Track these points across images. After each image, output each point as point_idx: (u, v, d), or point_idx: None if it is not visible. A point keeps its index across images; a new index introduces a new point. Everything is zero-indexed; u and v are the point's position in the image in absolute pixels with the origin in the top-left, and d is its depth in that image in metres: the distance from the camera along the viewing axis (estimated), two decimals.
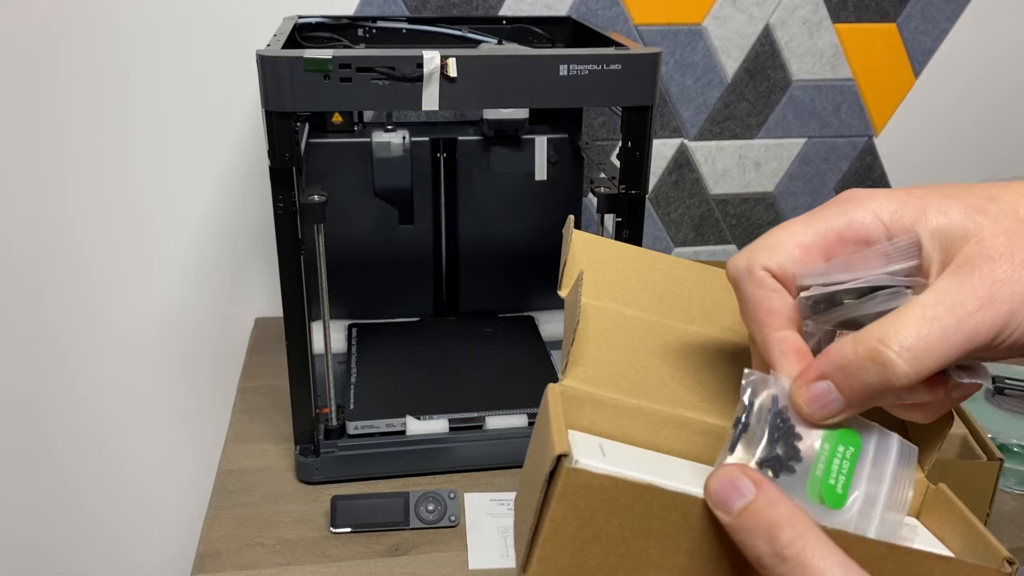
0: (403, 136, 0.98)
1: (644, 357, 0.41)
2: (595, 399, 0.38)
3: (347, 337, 1.03)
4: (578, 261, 0.45)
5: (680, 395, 0.39)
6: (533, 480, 0.34)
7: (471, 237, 1.06)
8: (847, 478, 0.33)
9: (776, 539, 0.30)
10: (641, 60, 0.75)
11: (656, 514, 0.31)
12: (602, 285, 0.44)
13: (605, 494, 0.31)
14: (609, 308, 0.43)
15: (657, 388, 0.39)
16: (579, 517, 0.31)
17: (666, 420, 0.38)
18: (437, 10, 1.11)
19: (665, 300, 0.44)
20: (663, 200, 1.26)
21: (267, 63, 0.70)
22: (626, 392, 0.38)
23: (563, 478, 0.31)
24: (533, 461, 0.36)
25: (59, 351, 1.20)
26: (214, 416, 1.24)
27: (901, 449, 0.34)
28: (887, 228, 0.33)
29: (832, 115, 1.26)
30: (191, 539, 1.29)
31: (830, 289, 0.34)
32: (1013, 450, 0.87)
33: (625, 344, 0.41)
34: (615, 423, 0.38)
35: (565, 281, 0.43)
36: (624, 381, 0.39)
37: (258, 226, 1.17)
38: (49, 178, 1.11)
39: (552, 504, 0.31)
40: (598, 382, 0.38)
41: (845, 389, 0.32)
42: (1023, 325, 0.30)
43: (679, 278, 0.46)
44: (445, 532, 0.80)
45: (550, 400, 0.36)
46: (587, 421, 0.37)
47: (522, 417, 0.88)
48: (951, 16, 1.23)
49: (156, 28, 1.06)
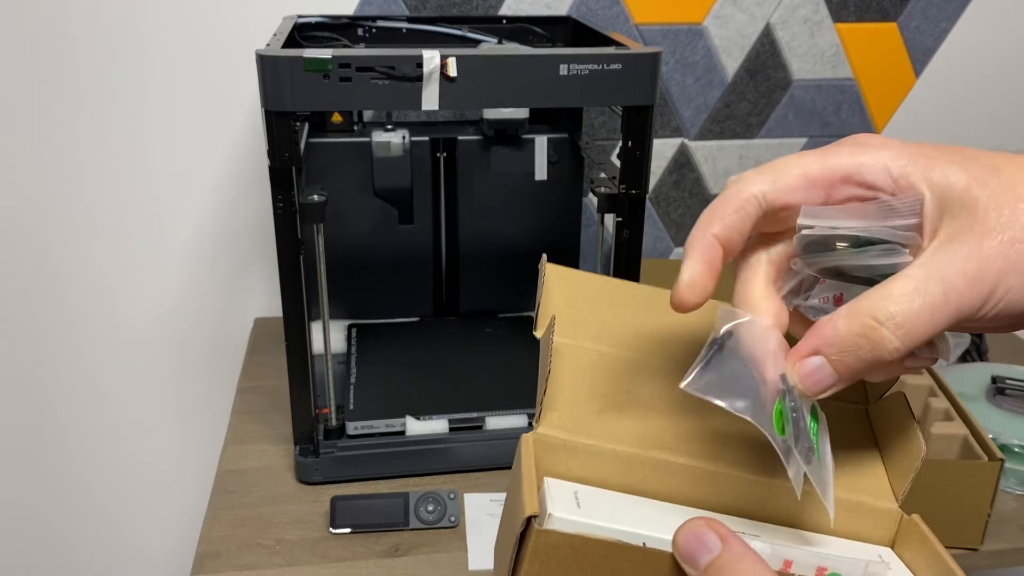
0: (403, 136, 0.98)
1: (619, 398, 0.41)
2: (569, 445, 0.38)
3: (347, 337, 1.03)
4: (552, 299, 0.45)
5: (655, 436, 0.39)
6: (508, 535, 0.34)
7: (471, 237, 1.05)
8: None
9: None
10: (641, 60, 0.75)
11: (627, 570, 0.32)
12: (577, 323, 0.44)
13: (576, 552, 0.32)
14: (584, 347, 0.43)
15: (632, 430, 0.39)
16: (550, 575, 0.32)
17: (642, 462, 0.38)
18: (437, 10, 1.11)
19: (640, 335, 0.44)
20: (663, 200, 1.26)
21: (267, 63, 0.70)
22: (600, 437, 0.38)
23: (533, 539, 0.31)
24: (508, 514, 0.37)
25: (59, 351, 1.20)
26: (214, 416, 1.24)
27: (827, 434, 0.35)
28: (894, 180, 0.33)
29: (833, 115, 1.26)
30: (191, 539, 1.29)
31: (829, 232, 0.34)
32: (1014, 450, 0.87)
33: (600, 385, 0.41)
34: (590, 468, 0.38)
35: (540, 322, 0.43)
36: (598, 425, 0.39)
37: (258, 226, 1.17)
38: (49, 178, 1.11)
39: (524, 564, 0.32)
40: (572, 428, 0.38)
41: (838, 364, 0.33)
42: (1003, 299, 0.31)
43: (656, 310, 0.46)
44: (445, 532, 0.80)
45: (523, 453, 0.37)
46: (563, 468, 0.38)
47: (522, 417, 0.88)
48: (952, 16, 1.23)
49: (156, 28, 1.06)
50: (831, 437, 0.36)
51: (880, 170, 0.33)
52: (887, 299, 0.32)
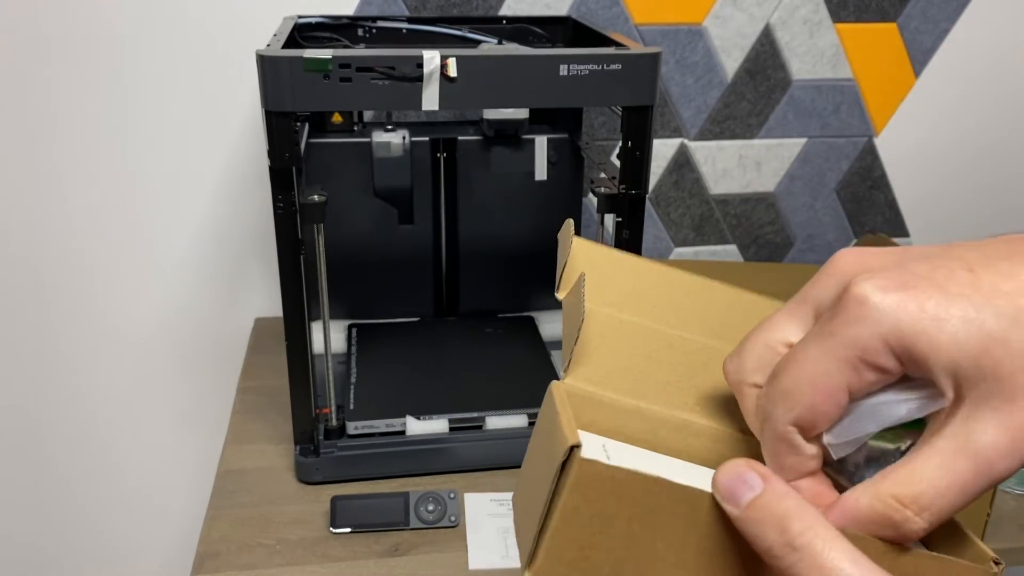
0: (403, 136, 0.98)
1: (641, 361, 0.41)
2: (596, 399, 0.38)
3: (347, 337, 1.03)
4: (577, 264, 0.45)
5: (677, 398, 0.39)
6: (539, 474, 0.34)
7: (471, 237, 1.06)
8: None
9: (787, 529, 0.29)
10: (641, 60, 0.75)
11: (665, 507, 0.32)
12: (599, 290, 0.44)
13: (616, 486, 0.31)
14: (606, 312, 0.43)
15: (655, 390, 0.39)
16: (590, 508, 0.32)
17: (664, 422, 0.38)
18: (437, 10, 1.11)
19: (660, 307, 0.45)
20: (663, 200, 1.26)
21: (267, 63, 0.70)
22: (626, 393, 0.39)
23: (576, 468, 0.31)
24: (538, 456, 0.36)
25: (59, 351, 1.20)
26: (214, 416, 1.24)
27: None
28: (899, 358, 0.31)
29: (832, 115, 1.26)
30: (191, 539, 1.29)
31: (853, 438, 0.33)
32: None
33: (622, 348, 0.42)
34: (615, 423, 0.38)
35: (564, 284, 0.44)
36: (623, 382, 0.39)
37: (258, 226, 1.17)
38: (49, 178, 1.11)
39: (564, 495, 0.31)
40: (599, 382, 0.39)
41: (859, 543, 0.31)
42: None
43: (673, 286, 0.47)
44: (445, 532, 0.80)
45: (556, 397, 0.36)
46: (588, 420, 0.38)
47: (522, 417, 0.88)
48: (951, 16, 1.23)
49: (156, 28, 1.06)
50: None
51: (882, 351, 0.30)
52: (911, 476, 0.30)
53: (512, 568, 0.76)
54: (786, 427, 0.33)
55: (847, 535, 0.30)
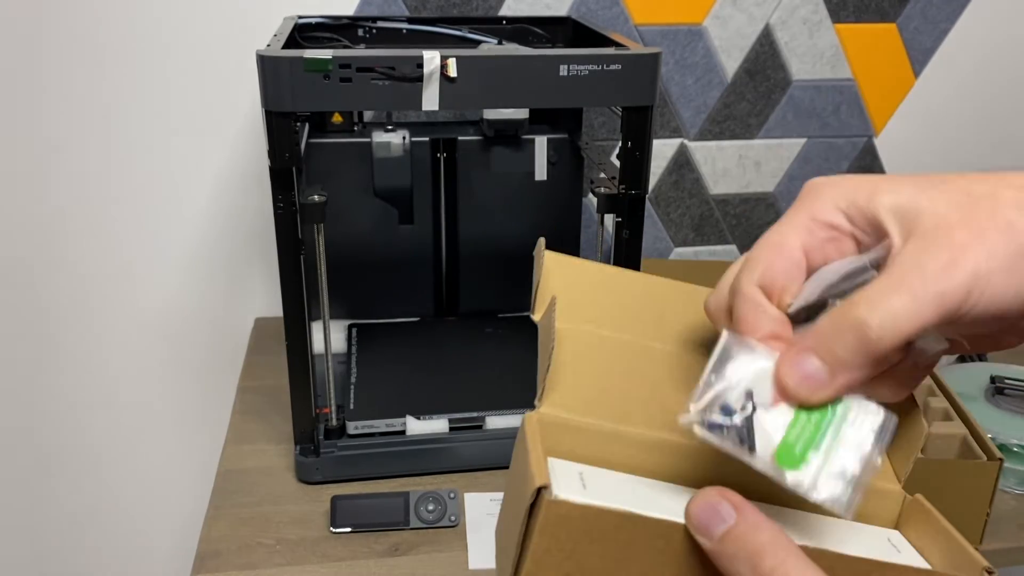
0: (403, 136, 0.98)
1: (620, 379, 0.40)
2: (573, 425, 0.37)
3: (347, 337, 1.03)
4: (550, 283, 0.44)
5: (658, 417, 0.39)
6: (513, 513, 0.34)
7: (471, 237, 1.06)
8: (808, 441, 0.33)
9: (758, 566, 0.30)
10: (641, 60, 0.75)
11: (639, 542, 0.31)
12: (575, 307, 0.44)
13: (587, 524, 0.31)
14: (583, 330, 0.43)
15: (635, 410, 0.39)
16: (561, 549, 0.31)
17: (645, 443, 0.38)
18: (437, 10, 1.11)
19: (640, 320, 0.44)
20: (663, 200, 1.26)
21: (267, 63, 0.70)
22: (604, 416, 0.38)
23: (544, 510, 0.31)
24: (513, 493, 0.36)
25: (59, 351, 1.20)
26: (214, 416, 1.24)
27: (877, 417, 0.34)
28: (845, 213, 0.34)
29: (832, 115, 1.26)
30: (191, 539, 1.29)
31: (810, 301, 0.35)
32: (1013, 450, 0.87)
33: (601, 367, 0.41)
34: (594, 448, 0.37)
35: (538, 305, 0.43)
36: (601, 406, 0.38)
37: (258, 226, 1.17)
38: (49, 178, 1.11)
39: (534, 537, 0.31)
40: (575, 408, 0.38)
41: (828, 357, 0.32)
42: (987, 290, 0.31)
43: (654, 297, 0.46)
44: (445, 532, 0.80)
45: (527, 430, 0.36)
46: (566, 448, 0.37)
47: (522, 417, 0.88)
48: (951, 16, 1.23)
49: (156, 28, 1.06)
50: None
51: (831, 209, 0.35)
52: (865, 292, 0.32)
53: None
54: (751, 287, 0.35)
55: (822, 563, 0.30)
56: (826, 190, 0.35)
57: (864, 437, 0.33)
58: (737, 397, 0.33)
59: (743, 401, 0.33)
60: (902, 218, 0.33)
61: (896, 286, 0.31)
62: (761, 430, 0.32)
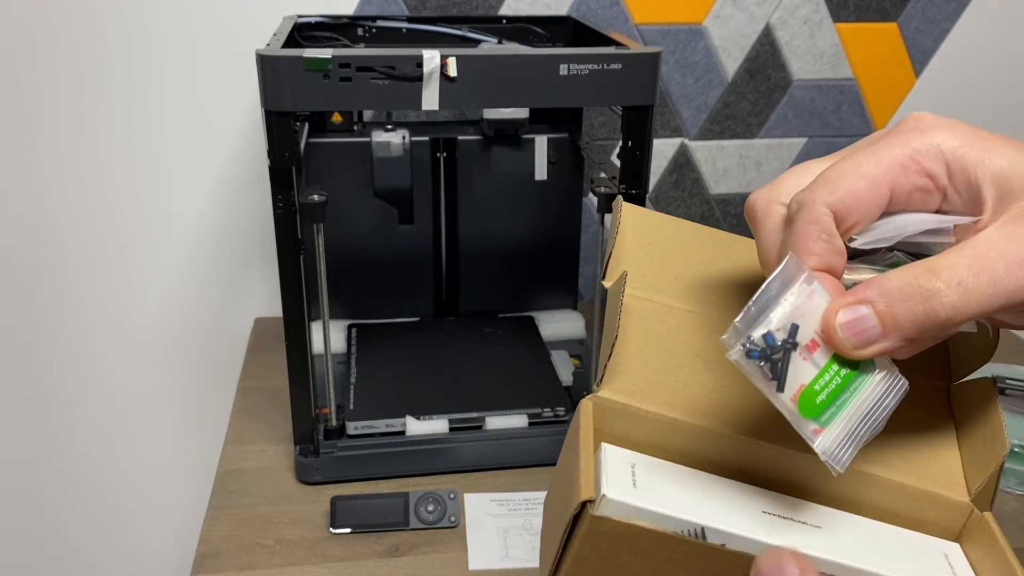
0: (403, 136, 0.98)
1: (685, 361, 0.39)
2: (630, 411, 0.37)
3: (347, 337, 1.03)
4: (626, 244, 0.43)
5: (718, 407, 0.38)
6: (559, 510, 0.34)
7: (471, 237, 1.05)
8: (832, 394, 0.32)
9: None
10: (641, 59, 0.75)
11: (679, 560, 0.32)
12: (648, 273, 0.42)
13: (628, 540, 0.31)
14: (653, 302, 0.41)
15: (695, 399, 0.38)
16: (601, 557, 0.32)
17: (702, 434, 0.37)
18: (437, 9, 1.11)
19: (716, 289, 0.42)
20: (663, 200, 1.26)
21: (267, 63, 0.70)
22: (662, 404, 0.37)
23: (587, 524, 0.31)
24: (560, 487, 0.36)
25: (58, 351, 1.20)
26: (214, 416, 1.24)
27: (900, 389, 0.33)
28: (948, 165, 0.32)
29: (833, 115, 1.26)
30: (191, 539, 1.29)
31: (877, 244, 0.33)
32: (1014, 450, 0.87)
33: (667, 345, 0.40)
34: (650, 436, 0.37)
35: (610, 271, 0.41)
36: (661, 391, 0.38)
37: (258, 226, 1.17)
38: (48, 178, 1.11)
39: (575, 543, 0.31)
40: (634, 393, 0.37)
41: (885, 316, 0.30)
42: None
43: (734, 259, 0.44)
44: (445, 532, 0.80)
45: (582, 420, 0.35)
46: (622, 433, 0.37)
47: (522, 417, 0.88)
48: (952, 16, 1.23)
49: (155, 28, 1.06)
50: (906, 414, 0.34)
51: (934, 155, 0.32)
52: (946, 258, 0.30)
53: (512, 568, 0.76)
54: (823, 208, 0.32)
55: None
56: (937, 132, 0.32)
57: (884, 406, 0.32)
58: (781, 329, 0.32)
59: (786, 335, 0.32)
60: (1000, 190, 0.31)
61: (980, 268, 0.29)
62: (793, 369, 0.31)
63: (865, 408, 0.32)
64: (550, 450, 0.88)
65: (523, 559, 0.76)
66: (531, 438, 0.87)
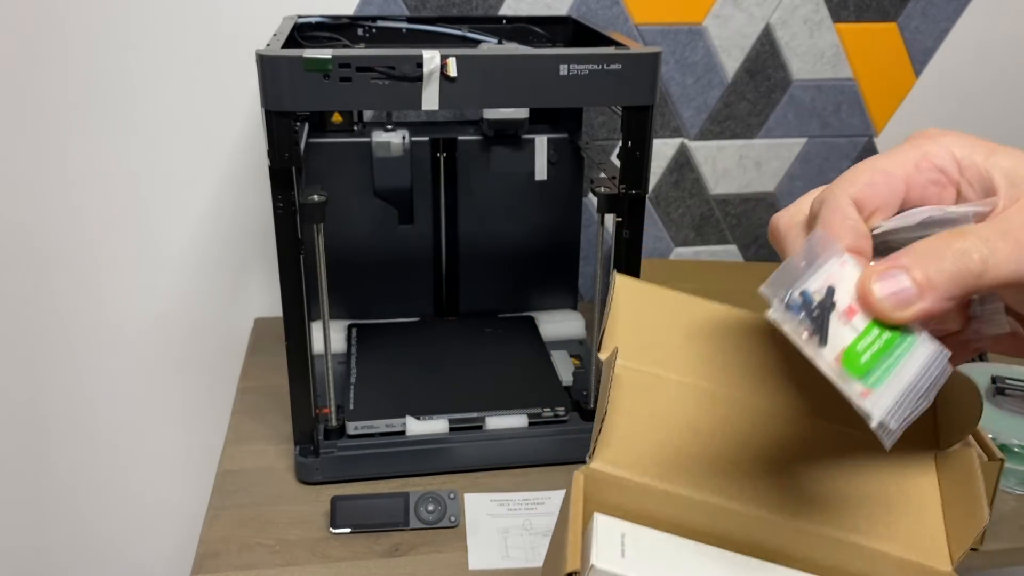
0: (403, 136, 0.98)
1: (677, 433, 0.40)
2: (622, 483, 0.38)
3: (347, 337, 1.03)
4: (620, 316, 0.43)
5: (710, 478, 0.39)
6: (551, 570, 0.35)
7: (471, 237, 1.06)
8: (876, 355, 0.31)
9: None
10: (641, 60, 0.75)
11: None
12: (643, 346, 0.43)
13: None
14: (647, 373, 0.42)
15: (687, 470, 0.39)
16: None
17: (693, 505, 0.38)
18: (437, 10, 1.11)
19: (711, 361, 0.43)
20: (663, 200, 1.26)
21: (267, 63, 0.70)
22: (654, 476, 0.38)
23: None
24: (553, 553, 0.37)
25: (59, 351, 1.20)
26: (214, 416, 1.24)
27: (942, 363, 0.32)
28: (959, 163, 0.35)
29: (833, 115, 1.26)
30: (191, 539, 1.29)
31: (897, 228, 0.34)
32: (1013, 450, 0.87)
33: (660, 417, 0.40)
34: (642, 505, 0.38)
35: (605, 343, 0.42)
36: (653, 463, 0.39)
37: (258, 226, 1.17)
38: (48, 178, 1.11)
39: None
40: (626, 464, 0.38)
41: (920, 278, 0.32)
42: None
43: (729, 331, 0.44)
44: (445, 532, 0.80)
45: (573, 492, 0.36)
46: (614, 503, 0.38)
47: (522, 417, 0.88)
48: (951, 16, 1.23)
49: (156, 28, 1.06)
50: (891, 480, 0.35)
51: (945, 155, 0.35)
52: (972, 228, 0.32)
53: (512, 568, 0.76)
54: (846, 198, 0.35)
55: None
56: (944, 137, 0.36)
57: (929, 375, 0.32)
58: (819, 288, 0.32)
59: (824, 295, 0.32)
60: (1013, 181, 0.33)
61: (1003, 234, 0.31)
62: (833, 330, 0.31)
63: (911, 375, 0.32)
64: (550, 450, 0.88)
65: (523, 559, 0.76)
66: (531, 438, 0.88)
